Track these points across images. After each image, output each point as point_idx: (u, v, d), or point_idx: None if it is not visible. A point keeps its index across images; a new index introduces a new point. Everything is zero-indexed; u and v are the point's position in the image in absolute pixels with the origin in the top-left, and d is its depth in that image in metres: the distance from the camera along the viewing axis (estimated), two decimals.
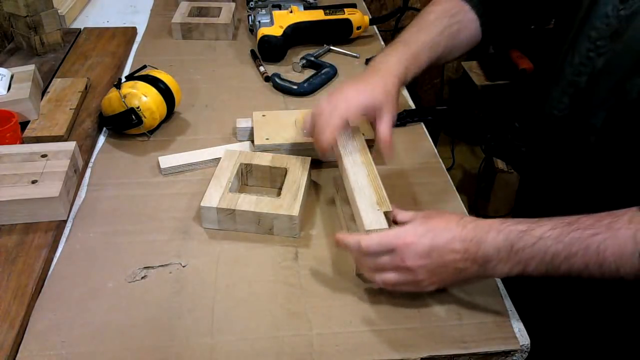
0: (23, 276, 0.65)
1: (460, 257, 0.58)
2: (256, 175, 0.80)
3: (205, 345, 0.60)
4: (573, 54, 0.67)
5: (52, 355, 0.58)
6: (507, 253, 0.56)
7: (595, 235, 0.53)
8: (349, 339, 0.60)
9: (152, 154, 0.88)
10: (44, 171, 0.75)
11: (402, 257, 0.59)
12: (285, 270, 0.69)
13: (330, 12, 1.21)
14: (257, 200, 0.72)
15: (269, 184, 0.81)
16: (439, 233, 0.59)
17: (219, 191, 0.73)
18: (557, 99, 0.70)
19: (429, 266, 0.59)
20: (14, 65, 1.05)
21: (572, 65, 0.67)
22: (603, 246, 0.52)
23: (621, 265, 0.52)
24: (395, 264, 0.60)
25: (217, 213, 0.72)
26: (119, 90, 0.87)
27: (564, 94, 0.69)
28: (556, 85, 0.70)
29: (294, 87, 1.04)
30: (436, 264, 0.59)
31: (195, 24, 1.22)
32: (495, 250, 0.57)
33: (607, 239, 0.53)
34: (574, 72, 0.67)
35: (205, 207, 0.71)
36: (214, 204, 0.71)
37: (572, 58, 0.67)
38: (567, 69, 0.68)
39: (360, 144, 0.75)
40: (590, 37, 0.65)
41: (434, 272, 0.59)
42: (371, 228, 0.62)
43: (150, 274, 0.68)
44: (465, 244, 0.58)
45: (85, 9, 1.39)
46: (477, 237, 0.58)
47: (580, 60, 0.66)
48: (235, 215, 0.71)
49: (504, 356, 0.61)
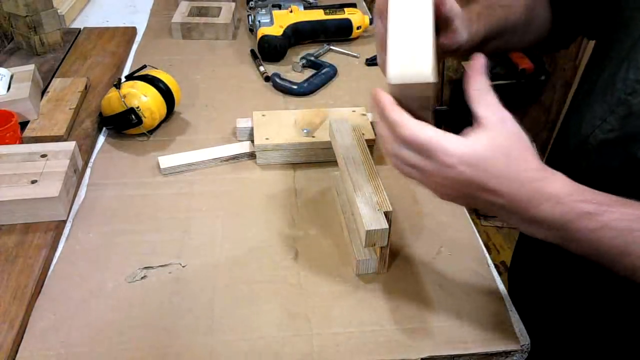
0: (23, 276, 0.65)
1: (500, 203, 0.50)
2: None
3: (205, 345, 0.60)
4: (628, 67, 0.57)
5: (52, 355, 0.58)
6: (558, 226, 0.49)
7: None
8: (349, 339, 0.60)
9: (152, 154, 0.88)
10: (44, 171, 0.75)
11: (434, 168, 0.50)
12: (285, 270, 0.68)
13: (330, 11, 1.21)
14: None
15: None
16: (487, 168, 0.49)
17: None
18: (602, 116, 0.59)
19: (457, 190, 0.51)
20: (14, 65, 1.05)
21: (625, 81, 0.57)
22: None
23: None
24: (423, 168, 0.51)
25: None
26: (119, 90, 0.87)
27: (611, 112, 0.58)
28: (602, 100, 0.59)
29: (294, 87, 1.04)
30: (466, 195, 0.51)
31: (195, 24, 1.22)
32: (544, 220, 0.49)
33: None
34: (627, 90, 0.56)
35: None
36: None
37: (626, 73, 0.57)
38: (619, 84, 0.57)
39: (360, 144, 0.75)
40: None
41: (461, 196, 0.51)
42: (371, 228, 0.62)
43: (150, 274, 0.67)
44: (514, 201, 0.49)
45: (85, 9, 1.39)
46: (529, 196, 0.49)
47: (636, 77, 0.56)
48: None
49: (504, 356, 0.61)
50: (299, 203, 0.79)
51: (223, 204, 0.78)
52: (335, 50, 1.19)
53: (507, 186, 0.49)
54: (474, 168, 0.49)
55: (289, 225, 0.75)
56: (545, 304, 0.76)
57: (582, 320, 0.71)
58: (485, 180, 0.49)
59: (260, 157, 0.85)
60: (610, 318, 0.67)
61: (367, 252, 0.68)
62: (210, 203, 0.78)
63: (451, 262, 0.70)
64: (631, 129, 0.56)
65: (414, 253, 0.71)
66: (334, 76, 1.09)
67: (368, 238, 0.62)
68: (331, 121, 0.78)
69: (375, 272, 0.68)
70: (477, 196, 0.50)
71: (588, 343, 0.71)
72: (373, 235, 0.62)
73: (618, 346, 0.67)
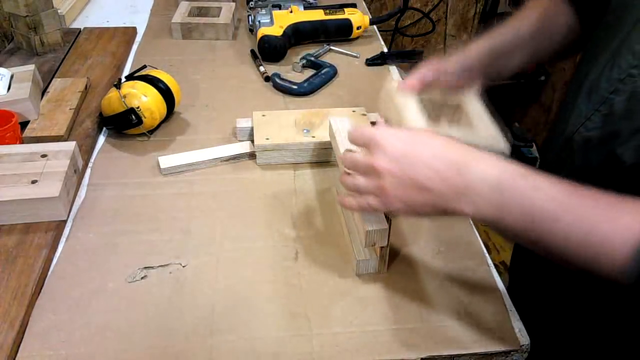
0: (23, 276, 0.65)
1: (435, 175, 0.52)
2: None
3: (205, 345, 0.60)
4: (612, 66, 0.58)
5: (52, 355, 0.58)
6: (492, 190, 0.50)
7: (593, 208, 0.47)
8: (349, 339, 0.60)
9: (152, 154, 0.88)
10: (44, 171, 0.75)
11: (374, 155, 0.55)
12: (285, 270, 0.69)
13: (330, 12, 1.21)
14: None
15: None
16: (420, 142, 0.54)
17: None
18: (586, 115, 0.61)
19: (396, 173, 0.54)
20: (14, 65, 1.05)
21: (609, 80, 0.58)
22: (597, 227, 0.46)
23: (604, 253, 0.46)
24: (366, 164, 0.56)
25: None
26: (119, 90, 0.87)
27: (595, 111, 0.59)
28: (587, 99, 0.61)
29: (294, 87, 1.04)
30: (404, 174, 0.53)
31: (195, 24, 1.22)
32: (480, 181, 0.50)
33: (604, 220, 0.46)
34: (610, 89, 0.57)
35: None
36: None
37: (610, 72, 0.58)
38: (603, 84, 0.59)
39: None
40: (636, 53, 0.55)
41: (401, 183, 0.54)
42: (372, 228, 0.62)
43: (150, 274, 0.67)
44: (445, 163, 0.52)
45: (85, 9, 1.39)
46: (464, 160, 0.52)
47: (619, 77, 0.56)
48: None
49: (504, 356, 0.61)
50: (299, 203, 0.79)
51: (223, 204, 0.78)
52: (335, 50, 1.19)
53: (440, 153, 0.53)
54: (407, 141, 0.55)
55: (289, 225, 0.75)
56: (545, 303, 0.76)
57: (582, 320, 0.71)
58: (418, 155, 0.54)
59: (260, 157, 0.85)
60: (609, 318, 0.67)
61: (367, 252, 0.68)
62: (210, 203, 0.78)
63: (451, 262, 0.70)
64: (612, 127, 0.57)
65: (414, 253, 0.71)
66: (334, 76, 1.09)
67: (368, 238, 0.62)
68: (331, 121, 0.78)
69: (375, 272, 0.68)
70: (416, 178, 0.53)
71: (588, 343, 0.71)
72: (373, 235, 0.62)
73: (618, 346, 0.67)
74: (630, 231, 0.45)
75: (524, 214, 0.49)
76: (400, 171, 0.54)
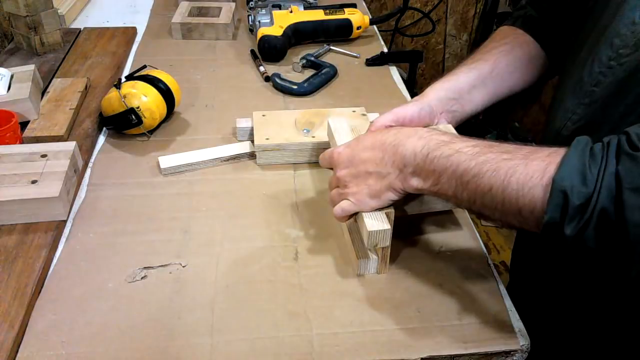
0: (23, 276, 0.65)
1: (378, 157, 0.60)
2: None
3: (205, 345, 0.60)
4: (593, 61, 0.61)
5: (52, 355, 0.58)
6: (423, 160, 0.57)
7: (509, 160, 0.51)
8: (349, 339, 0.60)
9: (152, 154, 0.88)
10: (44, 171, 0.75)
11: (335, 169, 0.65)
12: (285, 270, 0.68)
13: (330, 12, 1.21)
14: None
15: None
16: (361, 139, 0.63)
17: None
18: (572, 109, 0.64)
19: (352, 172, 0.62)
20: (14, 65, 1.05)
21: (591, 74, 0.62)
22: (512, 171, 0.50)
23: (522, 195, 0.50)
24: (334, 178, 0.65)
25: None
26: (119, 90, 0.87)
27: (579, 104, 0.63)
28: (572, 95, 0.64)
29: (294, 87, 1.04)
30: (358, 170, 0.62)
31: (195, 24, 1.22)
32: (412, 154, 0.58)
33: (518, 165, 0.50)
34: (592, 82, 0.61)
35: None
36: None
37: (591, 66, 0.61)
38: (586, 78, 0.62)
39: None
40: (613, 45, 0.59)
41: (359, 178, 0.62)
42: (373, 229, 0.62)
43: (150, 274, 0.67)
44: (383, 145, 0.60)
45: (85, 9, 1.39)
46: (396, 140, 0.60)
47: (600, 70, 0.60)
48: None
49: (504, 356, 0.61)
50: (299, 203, 0.79)
51: (223, 204, 0.78)
52: (335, 50, 1.20)
53: (378, 142, 0.62)
54: (351, 143, 0.65)
55: (289, 225, 0.75)
56: (545, 303, 0.76)
57: (582, 319, 0.71)
58: (361, 150, 0.62)
59: (261, 157, 0.85)
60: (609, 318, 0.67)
61: (367, 252, 0.68)
62: (210, 203, 0.78)
63: (451, 262, 0.70)
64: (594, 117, 0.62)
65: (414, 253, 0.71)
66: (334, 76, 1.09)
67: (370, 239, 0.62)
68: (329, 120, 0.78)
69: (376, 272, 0.68)
70: (366, 169, 0.61)
71: (588, 343, 0.71)
72: (375, 236, 0.62)
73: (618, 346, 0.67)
74: (540, 172, 0.49)
75: (454, 177, 0.55)
76: (354, 169, 0.62)
